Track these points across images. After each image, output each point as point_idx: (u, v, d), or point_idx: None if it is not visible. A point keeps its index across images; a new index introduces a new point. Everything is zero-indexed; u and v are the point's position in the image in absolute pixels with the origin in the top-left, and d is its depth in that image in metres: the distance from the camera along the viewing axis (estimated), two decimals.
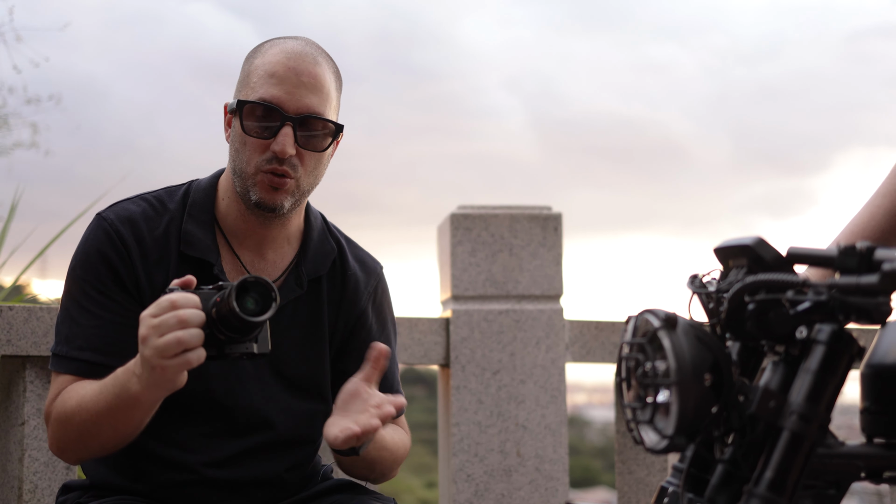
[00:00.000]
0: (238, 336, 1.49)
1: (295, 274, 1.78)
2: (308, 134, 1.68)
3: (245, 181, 1.69)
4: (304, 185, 1.70)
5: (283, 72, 1.67)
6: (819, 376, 1.06)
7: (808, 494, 1.11)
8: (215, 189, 1.78)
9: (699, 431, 1.06)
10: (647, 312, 1.11)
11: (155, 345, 1.43)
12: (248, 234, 1.75)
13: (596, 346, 2.95)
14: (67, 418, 1.61)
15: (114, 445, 1.63)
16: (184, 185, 1.81)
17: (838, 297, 1.05)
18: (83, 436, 1.62)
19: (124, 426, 1.58)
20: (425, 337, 2.82)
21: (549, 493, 2.84)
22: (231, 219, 1.75)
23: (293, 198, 1.69)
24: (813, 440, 1.06)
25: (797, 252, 1.11)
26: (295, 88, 1.66)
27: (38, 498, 2.27)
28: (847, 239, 1.62)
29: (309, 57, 1.69)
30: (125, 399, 1.53)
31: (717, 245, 1.19)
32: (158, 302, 1.46)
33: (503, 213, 2.92)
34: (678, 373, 1.04)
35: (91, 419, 1.58)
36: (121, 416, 1.56)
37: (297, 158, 1.67)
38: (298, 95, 1.66)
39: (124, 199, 1.77)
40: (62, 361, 1.68)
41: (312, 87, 1.67)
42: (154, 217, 1.73)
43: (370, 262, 1.89)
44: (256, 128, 1.67)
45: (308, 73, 1.68)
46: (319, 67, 1.69)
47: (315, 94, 1.67)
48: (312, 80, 1.67)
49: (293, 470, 1.82)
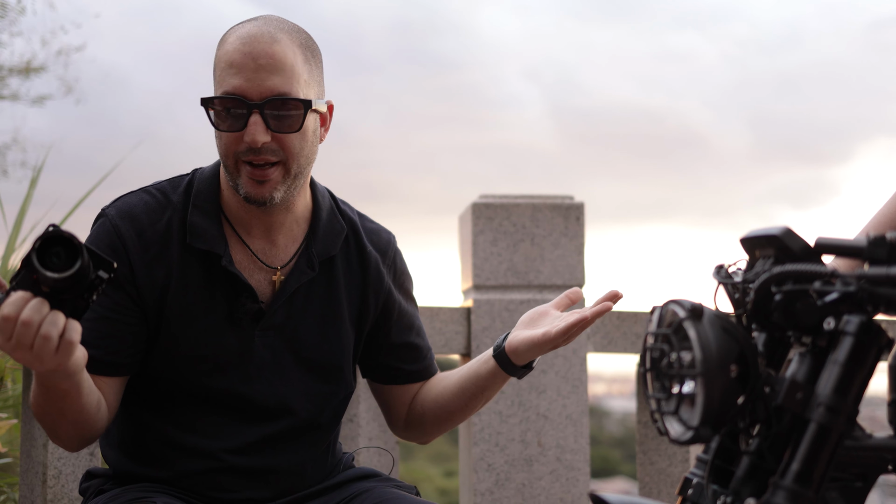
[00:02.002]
0: (78, 287, 1.39)
1: (306, 256, 1.76)
2: (278, 116, 1.63)
3: (231, 175, 1.67)
4: (294, 169, 1.66)
5: (240, 59, 1.62)
6: (847, 368, 1.05)
7: (835, 487, 1.10)
8: (218, 177, 1.76)
9: (724, 422, 1.05)
10: (672, 303, 1.10)
11: (32, 357, 1.39)
12: (254, 223, 1.73)
13: (618, 336, 2.94)
14: (34, 412, 1.65)
15: (81, 431, 1.64)
16: (187, 175, 1.78)
17: (867, 288, 1.04)
18: (49, 425, 1.65)
19: (70, 413, 1.59)
20: (446, 326, 2.82)
21: (570, 482, 2.84)
22: (235, 208, 1.73)
23: (284, 185, 1.66)
24: (840, 432, 1.05)
25: (825, 242, 1.10)
26: (254, 73, 1.61)
27: (61, 484, 2.29)
28: (875, 229, 1.60)
29: (265, 37, 1.63)
30: (53, 393, 1.54)
31: (744, 235, 1.18)
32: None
33: (525, 202, 2.91)
34: (704, 363, 1.03)
35: (43, 411, 1.61)
36: (59, 405, 1.57)
37: (275, 143, 1.63)
38: (259, 80, 1.61)
39: (128, 193, 1.75)
40: None
41: (272, 67, 1.62)
42: (157, 209, 1.71)
43: (384, 234, 1.88)
44: (226, 122, 1.63)
45: (265, 53, 1.62)
46: (277, 45, 1.63)
47: (276, 73, 1.62)
48: (271, 61, 1.62)
49: (316, 457, 1.82)
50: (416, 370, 1.91)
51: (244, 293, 1.70)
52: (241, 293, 1.70)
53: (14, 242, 3.27)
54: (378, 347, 1.88)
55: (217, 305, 1.70)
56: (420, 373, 1.91)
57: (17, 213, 3.31)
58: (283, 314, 1.74)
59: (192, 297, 1.70)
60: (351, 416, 2.65)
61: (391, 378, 1.91)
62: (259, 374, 1.73)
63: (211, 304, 1.70)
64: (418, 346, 1.91)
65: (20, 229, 3.30)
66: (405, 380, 1.91)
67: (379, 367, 1.90)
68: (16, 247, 3.28)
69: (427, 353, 1.93)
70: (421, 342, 1.92)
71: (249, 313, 1.71)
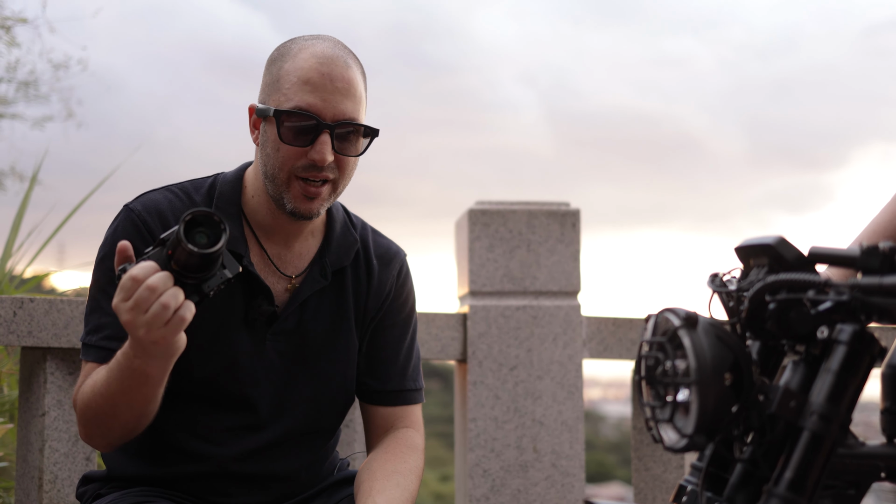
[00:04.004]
0: (205, 273, 1.47)
1: (319, 265, 1.79)
2: (345, 140, 1.68)
3: (278, 187, 1.69)
4: (340, 188, 1.73)
5: (318, 78, 1.66)
6: (840, 376, 1.06)
7: (828, 494, 1.11)
8: (241, 182, 1.79)
9: (719, 430, 1.06)
10: (667, 311, 1.10)
11: (144, 322, 1.43)
12: (276, 230, 1.77)
13: (613, 342, 2.95)
14: (87, 404, 1.63)
15: (133, 426, 1.63)
16: (209, 177, 1.82)
17: (860, 298, 1.04)
18: (104, 419, 1.62)
19: (140, 403, 1.58)
20: (442, 332, 2.83)
21: (566, 488, 2.84)
22: (260, 215, 1.76)
23: (328, 202, 1.71)
24: (833, 440, 1.05)
25: (819, 252, 1.10)
26: (330, 95, 1.66)
27: (57, 488, 2.29)
28: (869, 238, 1.61)
29: (341, 61, 1.69)
30: (135, 377, 1.53)
31: (738, 244, 1.19)
32: (121, 286, 1.44)
33: (521, 208, 2.92)
34: (698, 372, 1.04)
35: (107, 402, 1.59)
36: (134, 393, 1.56)
37: (334, 163, 1.68)
38: (334, 102, 1.66)
39: (151, 191, 1.78)
40: (90, 350, 1.69)
41: (346, 92, 1.67)
42: (181, 208, 1.74)
43: (393, 248, 1.90)
44: (293, 135, 1.66)
45: (342, 77, 1.67)
46: (351, 71, 1.69)
47: (349, 99, 1.67)
48: (346, 86, 1.67)
49: (312, 464, 1.83)
50: (379, 391, 1.86)
51: (261, 295, 1.73)
52: (258, 295, 1.73)
53: (11, 247, 3.28)
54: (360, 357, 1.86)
55: (234, 305, 1.72)
56: (381, 395, 1.86)
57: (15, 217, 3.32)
58: (295, 320, 1.76)
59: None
60: (347, 421, 2.66)
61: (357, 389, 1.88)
62: (266, 378, 1.75)
63: (228, 303, 1.72)
64: (390, 366, 1.86)
65: (17, 233, 3.30)
66: (367, 397, 1.87)
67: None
68: (13, 251, 3.28)
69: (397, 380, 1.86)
70: (394, 364, 1.86)
71: (264, 315, 1.73)
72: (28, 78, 10.39)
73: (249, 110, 1.74)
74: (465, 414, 2.88)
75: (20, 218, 3.32)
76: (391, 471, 1.74)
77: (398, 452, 1.79)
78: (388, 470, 1.73)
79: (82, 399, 1.64)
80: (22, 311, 2.27)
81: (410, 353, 1.90)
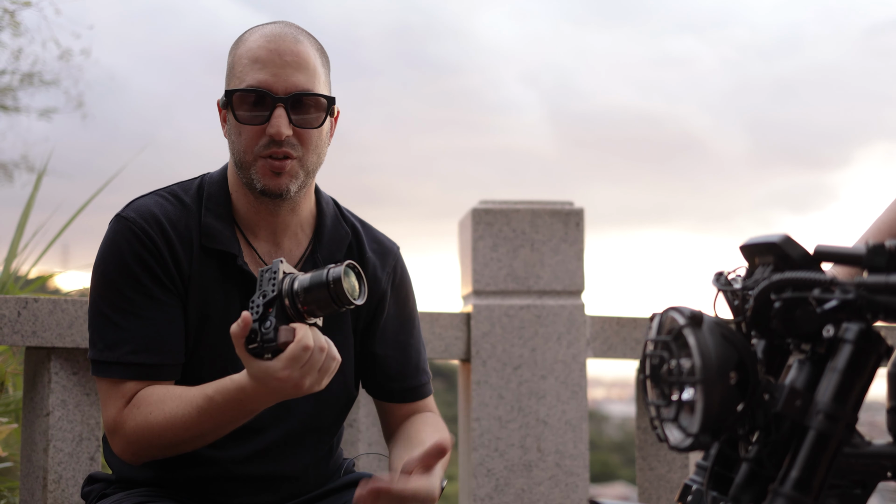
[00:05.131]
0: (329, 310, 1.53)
1: (311, 261, 1.78)
2: (302, 112, 1.68)
3: (247, 170, 1.69)
4: (309, 165, 1.70)
5: (266, 55, 1.67)
6: (846, 375, 1.05)
7: (834, 494, 1.11)
8: (227, 181, 1.78)
9: (724, 430, 1.06)
10: (672, 310, 1.10)
11: (316, 379, 1.51)
12: (261, 225, 1.76)
13: (617, 341, 2.95)
14: (154, 432, 1.62)
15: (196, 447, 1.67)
16: (196, 179, 1.81)
17: (866, 296, 1.04)
18: (174, 446, 1.64)
19: (223, 432, 1.63)
20: (446, 332, 2.83)
21: (570, 488, 2.84)
22: (243, 211, 1.75)
23: (297, 180, 1.69)
24: (839, 440, 1.05)
25: (824, 250, 1.10)
26: (280, 69, 1.66)
27: (62, 488, 2.29)
28: (874, 237, 1.61)
29: (289, 37, 1.69)
30: (243, 414, 1.58)
31: (744, 242, 1.19)
32: (294, 357, 1.47)
33: (525, 208, 2.91)
34: (703, 371, 1.04)
35: (190, 433, 1.61)
36: (229, 426, 1.61)
37: (294, 138, 1.67)
38: (285, 75, 1.66)
39: (139, 197, 1.76)
40: (116, 368, 1.66)
41: (297, 65, 1.67)
42: (173, 212, 1.73)
43: (387, 243, 1.89)
44: (249, 115, 1.67)
45: (291, 51, 1.67)
46: (301, 45, 1.69)
47: (301, 71, 1.67)
48: (296, 59, 1.67)
49: (316, 462, 1.83)
50: (397, 389, 1.87)
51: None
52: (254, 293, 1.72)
53: (16, 246, 3.28)
54: (364, 355, 1.87)
55: (231, 305, 1.72)
56: (394, 394, 1.87)
57: (20, 218, 3.32)
58: None
59: (208, 296, 1.72)
60: (350, 421, 2.66)
61: (370, 389, 1.90)
62: None
63: (226, 304, 1.72)
64: (404, 364, 1.87)
65: (23, 234, 3.30)
66: (380, 395, 1.88)
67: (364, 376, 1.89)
68: (18, 251, 3.28)
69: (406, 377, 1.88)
70: (407, 361, 1.87)
71: None
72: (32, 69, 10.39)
73: (217, 105, 1.75)
74: (468, 413, 2.88)
75: (25, 218, 3.32)
76: (431, 428, 1.82)
77: (426, 422, 1.85)
78: (428, 428, 1.82)
79: (148, 425, 1.62)
80: (26, 310, 2.27)
81: (419, 346, 1.91)
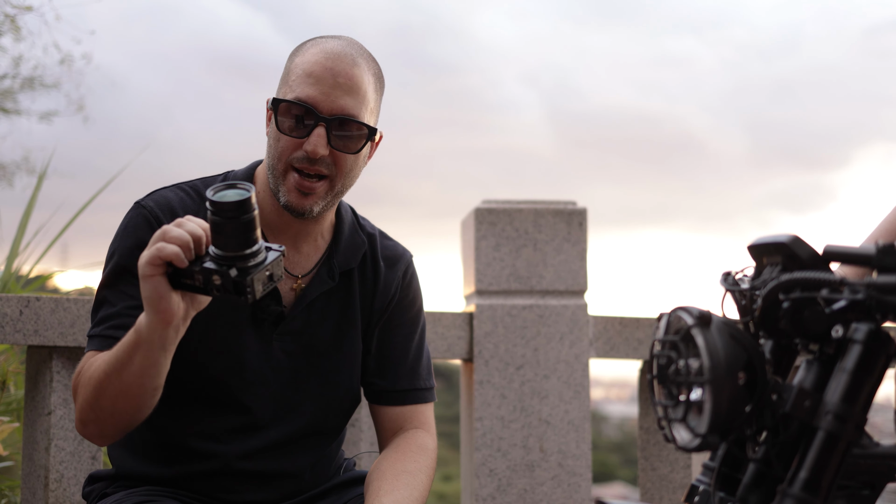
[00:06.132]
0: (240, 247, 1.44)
1: (327, 266, 1.79)
2: (341, 135, 1.67)
3: (276, 178, 1.69)
4: (338, 187, 1.71)
5: (320, 72, 1.67)
6: (855, 376, 1.05)
7: (842, 495, 1.10)
8: (251, 180, 1.79)
9: (732, 430, 1.05)
10: (680, 310, 1.10)
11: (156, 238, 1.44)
12: (283, 229, 1.76)
13: (620, 341, 2.94)
14: (84, 384, 1.59)
15: (134, 412, 1.58)
16: (219, 175, 1.82)
17: (876, 296, 1.04)
18: (96, 398, 1.57)
19: (153, 376, 1.52)
20: (449, 331, 2.82)
21: (572, 488, 2.84)
22: (266, 212, 1.75)
23: (324, 201, 1.70)
24: (848, 440, 1.05)
25: (833, 250, 1.10)
26: (331, 89, 1.66)
27: (63, 487, 2.29)
28: (883, 237, 1.60)
29: (347, 58, 1.69)
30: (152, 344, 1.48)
31: (752, 242, 1.18)
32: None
33: (527, 207, 2.91)
34: (712, 371, 1.03)
35: (100, 377, 1.55)
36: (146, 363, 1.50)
37: (330, 158, 1.67)
38: (334, 96, 1.66)
39: (162, 188, 1.77)
40: (93, 340, 1.67)
41: (349, 88, 1.67)
42: (191, 206, 1.73)
43: (400, 250, 1.90)
44: (290, 126, 1.67)
45: (345, 73, 1.67)
46: (357, 69, 1.69)
47: (351, 95, 1.67)
48: (349, 81, 1.67)
49: (318, 462, 1.83)
50: (388, 390, 1.85)
51: (269, 294, 1.71)
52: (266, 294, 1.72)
53: (18, 246, 3.27)
54: (364, 355, 1.86)
55: (241, 304, 1.71)
56: (382, 395, 1.85)
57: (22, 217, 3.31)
58: (301, 321, 1.76)
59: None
60: (353, 421, 2.65)
61: (366, 391, 1.88)
62: (273, 377, 1.75)
63: (236, 302, 1.71)
64: (399, 366, 1.86)
65: (24, 232, 3.30)
66: (376, 398, 1.87)
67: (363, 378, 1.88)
68: (19, 251, 3.27)
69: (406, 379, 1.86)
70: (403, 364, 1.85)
71: (272, 315, 1.73)
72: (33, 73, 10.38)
73: (266, 104, 1.75)
74: (471, 413, 2.87)
75: (27, 217, 3.31)
76: (400, 470, 1.73)
77: (408, 452, 1.78)
78: (396, 470, 1.72)
79: (84, 383, 1.59)
80: (28, 309, 2.27)
81: (420, 352, 1.89)
